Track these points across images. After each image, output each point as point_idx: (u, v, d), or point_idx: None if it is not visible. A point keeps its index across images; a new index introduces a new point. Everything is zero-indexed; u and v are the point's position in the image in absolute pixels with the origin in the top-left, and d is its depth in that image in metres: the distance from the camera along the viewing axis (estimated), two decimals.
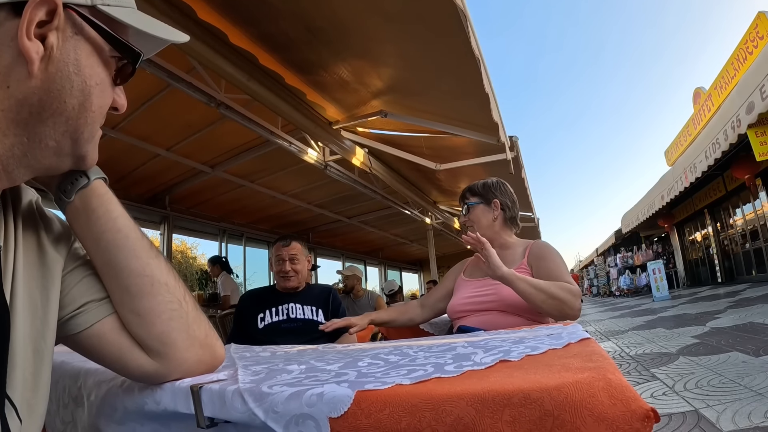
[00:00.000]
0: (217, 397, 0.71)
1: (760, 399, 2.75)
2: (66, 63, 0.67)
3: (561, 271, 2.02)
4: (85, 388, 0.96)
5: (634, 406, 0.49)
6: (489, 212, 2.31)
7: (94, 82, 0.71)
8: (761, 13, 11.42)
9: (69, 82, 0.67)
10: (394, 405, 0.58)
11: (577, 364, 0.63)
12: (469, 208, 2.35)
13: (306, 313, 2.94)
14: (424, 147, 6.34)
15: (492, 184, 2.39)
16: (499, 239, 2.28)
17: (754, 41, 11.86)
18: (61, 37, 0.66)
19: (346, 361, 0.92)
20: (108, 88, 0.75)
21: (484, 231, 2.25)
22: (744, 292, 11.00)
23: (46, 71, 0.65)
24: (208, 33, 3.73)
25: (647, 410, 0.48)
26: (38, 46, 0.63)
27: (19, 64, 0.62)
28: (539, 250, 2.15)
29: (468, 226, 2.36)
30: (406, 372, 0.72)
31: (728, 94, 11.68)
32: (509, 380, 0.59)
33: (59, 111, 0.67)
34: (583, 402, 0.50)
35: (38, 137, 0.67)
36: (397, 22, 3.54)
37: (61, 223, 0.85)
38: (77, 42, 0.69)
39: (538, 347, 0.82)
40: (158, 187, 7.53)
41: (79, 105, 0.69)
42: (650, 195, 17.70)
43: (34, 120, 0.66)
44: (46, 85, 0.65)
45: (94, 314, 0.81)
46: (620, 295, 24.10)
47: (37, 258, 0.76)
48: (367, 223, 11.57)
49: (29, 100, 0.64)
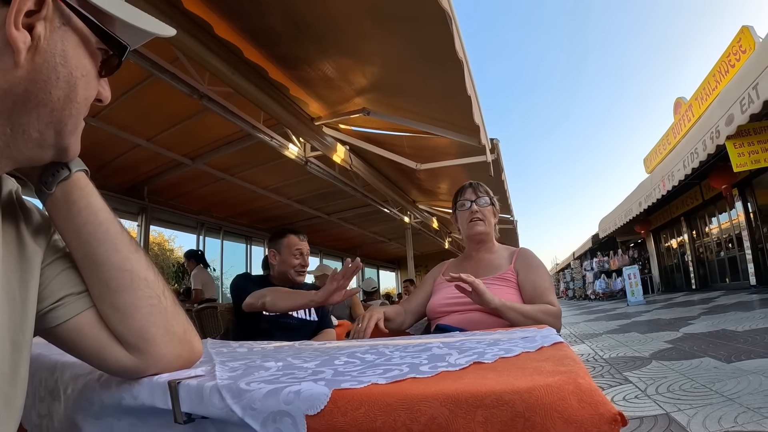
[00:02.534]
0: (194, 393, 0.71)
1: (730, 404, 2.80)
2: (53, 54, 0.66)
3: (546, 286, 2.09)
4: (62, 382, 0.96)
5: (602, 410, 0.50)
6: (493, 215, 2.39)
7: (80, 74, 0.71)
8: (745, 27, 11.61)
9: (55, 73, 0.67)
10: (369, 404, 0.59)
11: (548, 368, 0.64)
12: (491, 200, 2.39)
13: (300, 312, 2.92)
14: (406, 146, 6.36)
15: None
16: (490, 242, 2.38)
17: (736, 54, 12.05)
18: (49, 28, 0.66)
19: (323, 359, 0.93)
20: (93, 79, 0.75)
21: (490, 229, 2.36)
22: (718, 299, 11.18)
23: (32, 61, 0.64)
24: (193, 24, 3.71)
25: (615, 414, 0.50)
26: (26, 36, 0.62)
27: (5, 53, 0.62)
28: (527, 260, 2.22)
29: (478, 218, 2.34)
30: (381, 371, 0.73)
31: (709, 105, 11.87)
32: (482, 382, 0.60)
33: (44, 102, 0.67)
34: (553, 404, 0.51)
35: (22, 128, 0.67)
36: (384, 21, 3.55)
37: (41, 214, 0.84)
38: (64, 32, 0.68)
39: (512, 350, 0.84)
40: (137, 177, 7.46)
41: (64, 96, 0.69)
42: (628, 201, 17.91)
43: (18, 110, 0.65)
44: (32, 76, 0.64)
45: (73, 308, 0.80)
46: (595, 298, 24.34)
47: (16, 249, 0.75)
48: (346, 220, 11.57)
49: (14, 90, 0.64)
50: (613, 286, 22.83)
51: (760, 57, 8.06)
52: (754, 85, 7.87)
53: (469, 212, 2.35)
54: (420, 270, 17.76)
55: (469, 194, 2.41)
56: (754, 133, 9.63)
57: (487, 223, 2.33)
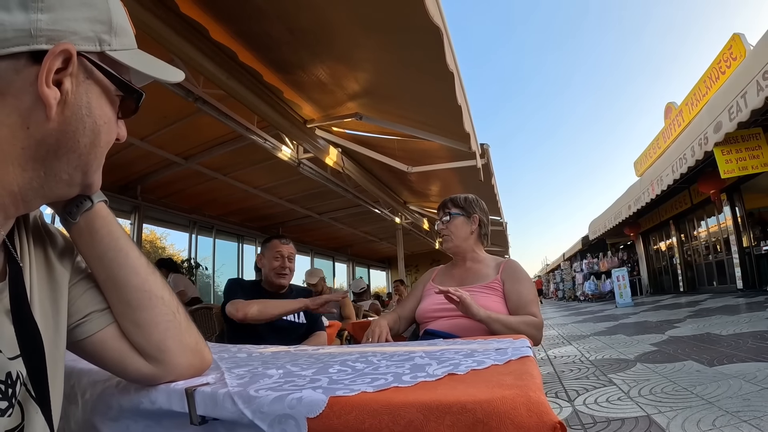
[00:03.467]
0: (209, 399, 0.82)
1: (709, 407, 2.86)
2: (79, 106, 0.73)
3: (530, 298, 2.21)
4: (79, 387, 1.05)
5: (546, 419, 0.61)
6: (467, 225, 2.46)
7: (103, 121, 0.78)
8: (736, 35, 11.69)
9: (82, 123, 0.74)
10: (359, 409, 0.70)
11: (509, 381, 0.76)
12: (451, 217, 2.46)
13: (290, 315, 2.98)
14: (397, 149, 6.42)
15: (473, 200, 2.55)
16: (471, 252, 2.47)
17: (727, 62, 12.17)
18: (75, 82, 0.72)
19: (318, 366, 1.04)
20: (113, 124, 0.82)
21: (461, 242, 2.44)
22: (704, 302, 11.28)
23: (62, 114, 0.71)
24: (189, 27, 3.78)
25: (555, 422, 0.61)
26: (56, 93, 0.68)
27: (38, 107, 0.68)
28: (514, 272, 2.32)
29: (444, 234, 2.48)
30: (369, 380, 0.84)
31: (698, 112, 12.01)
32: (452, 392, 0.72)
33: (73, 149, 0.74)
34: (506, 413, 0.63)
35: (53, 172, 0.74)
36: (378, 30, 3.64)
37: (64, 238, 0.92)
38: (88, 86, 0.75)
39: (484, 362, 0.95)
40: (131, 176, 7.52)
41: (90, 143, 0.76)
42: (618, 204, 18.06)
43: (51, 157, 0.72)
44: (62, 127, 0.71)
45: (97, 323, 0.89)
46: (585, 300, 24.50)
47: (46, 273, 0.83)
48: (337, 220, 11.64)
49: (47, 140, 0.70)
50: (603, 288, 22.98)
51: (749, 66, 8.20)
52: (742, 93, 8.02)
53: (438, 231, 2.52)
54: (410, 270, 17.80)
55: (440, 214, 2.54)
56: (741, 140, 9.78)
57: (455, 237, 2.44)
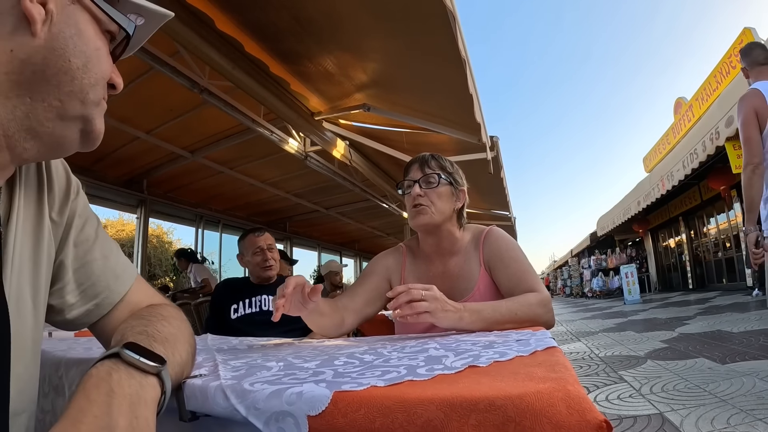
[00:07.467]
0: (199, 392, 0.73)
1: (723, 405, 2.83)
2: (67, 25, 0.68)
3: (522, 270, 1.68)
4: (67, 378, 0.98)
5: (589, 417, 0.52)
6: (452, 198, 1.81)
7: (94, 48, 0.72)
8: (747, 29, 11.58)
9: (72, 41, 0.68)
10: (369, 406, 0.60)
11: (540, 374, 0.66)
12: (439, 183, 1.78)
13: (270, 305, 2.96)
14: (405, 142, 6.35)
15: (460, 172, 1.92)
16: (449, 234, 1.82)
17: (738, 56, 11.93)
18: (60, 4, 0.67)
19: (323, 359, 0.95)
20: (106, 57, 0.76)
21: (441, 217, 1.76)
22: (714, 300, 11.22)
23: (49, 32, 0.66)
24: (194, 17, 3.71)
25: (601, 421, 0.52)
26: (40, 9, 0.64)
27: (21, 28, 0.63)
28: (496, 251, 1.76)
29: (420, 204, 1.75)
30: (380, 373, 0.75)
31: (709, 106, 11.87)
32: (477, 387, 0.62)
33: (64, 69, 0.67)
34: (543, 410, 0.54)
35: (41, 95, 0.67)
36: (386, 18, 3.55)
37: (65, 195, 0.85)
38: (75, 9, 0.70)
39: (507, 353, 0.86)
40: (136, 170, 7.44)
41: (83, 65, 0.70)
42: (626, 200, 17.95)
43: (38, 78, 0.66)
44: (50, 44, 0.66)
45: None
46: (592, 296, 24.43)
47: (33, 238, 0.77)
48: (344, 215, 11.54)
49: (33, 59, 0.65)
50: (611, 285, 22.91)
51: None
52: None
53: (411, 198, 1.78)
54: None
55: (414, 172, 1.83)
56: None
57: (436, 211, 1.75)
